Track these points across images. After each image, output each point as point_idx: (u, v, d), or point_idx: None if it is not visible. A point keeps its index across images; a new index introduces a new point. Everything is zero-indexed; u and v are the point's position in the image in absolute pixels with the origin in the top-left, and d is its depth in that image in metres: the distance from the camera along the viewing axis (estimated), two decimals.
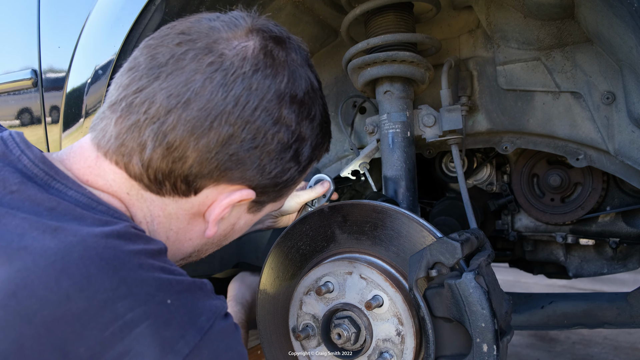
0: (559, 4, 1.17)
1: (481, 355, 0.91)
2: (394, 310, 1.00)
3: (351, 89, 1.64)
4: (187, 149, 0.71)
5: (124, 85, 0.73)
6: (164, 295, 0.65)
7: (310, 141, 0.82)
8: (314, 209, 1.19)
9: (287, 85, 0.76)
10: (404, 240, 1.05)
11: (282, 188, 0.84)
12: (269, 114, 0.74)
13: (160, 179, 0.74)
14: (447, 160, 1.80)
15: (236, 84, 0.71)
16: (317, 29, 1.52)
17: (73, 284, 0.59)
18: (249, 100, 0.72)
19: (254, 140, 0.74)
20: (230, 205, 0.79)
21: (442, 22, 1.47)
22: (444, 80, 1.34)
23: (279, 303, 1.19)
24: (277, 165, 0.79)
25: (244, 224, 0.90)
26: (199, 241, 0.86)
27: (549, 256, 1.79)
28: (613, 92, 1.23)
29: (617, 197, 1.63)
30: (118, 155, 0.74)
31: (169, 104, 0.70)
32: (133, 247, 0.67)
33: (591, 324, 1.57)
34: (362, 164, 1.49)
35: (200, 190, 0.77)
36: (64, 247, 0.61)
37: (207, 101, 0.70)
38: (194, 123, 0.70)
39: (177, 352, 0.63)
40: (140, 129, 0.71)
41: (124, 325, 0.60)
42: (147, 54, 0.74)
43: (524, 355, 3.09)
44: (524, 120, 1.37)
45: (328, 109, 0.89)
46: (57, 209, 0.67)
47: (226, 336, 0.71)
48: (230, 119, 0.71)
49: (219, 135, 0.71)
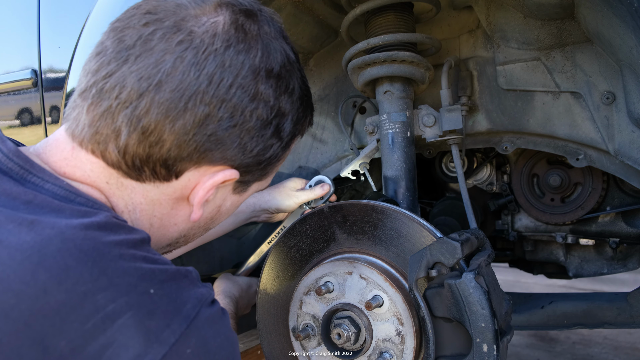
0: (559, 4, 1.17)
1: (481, 355, 0.91)
2: (394, 310, 1.00)
3: (351, 89, 1.64)
4: (163, 133, 0.70)
5: (93, 71, 0.70)
6: (147, 285, 0.64)
7: (291, 116, 0.80)
8: (311, 210, 1.19)
9: (262, 59, 0.73)
10: (404, 240, 1.05)
11: (266, 166, 0.82)
12: (245, 90, 0.72)
13: (138, 164, 0.72)
14: (447, 160, 1.80)
15: (208, 62, 0.69)
16: (317, 29, 1.52)
17: (50, 277, 0.57)
18: (223, 78, 0.70)
19: (231, 118, 0.72)
20: (213, 187, 0.77)
21: (442, 22, 1.47)
22: (444, 80, 1.34)
23: (279, 303, 1.19)
24: (259, 142, 0.77)
25: (231, 205, 0.88)
26: (185, 225, 0.84)
27: (549, 256, 1.79)
28: (613, 92, 1.23)
29: (617, 197, 1.63)
30: (93, 143, 0.71)
31: (140, 87, 0.68)
32: (114, 237, 0.65)
33: (591, 324, 1.57)
34: (362, 164, 1.49)
35: (181, 173, 0.75)
36: (40, 240, 0.60)
37: (179, 82, 0.68)
38: (168, 105, 0.68)
39: (162, 342, 0.61)
40: (113, 115, 0.69)
41: (106, 317, 0.59)
42: (113, 37, 0.71)
43: (524, 355, 3.09)
44: (524, 120, 1.37)
45: (307, 80, 0.86)
46: (33, 202, 0.65)
47: (214, 323, 0.69)
48: (205, 98, 0.69)
49: (195, 116, 0.70)
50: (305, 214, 1.21)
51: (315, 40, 1.57)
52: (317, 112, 1.69)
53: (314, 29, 1.52)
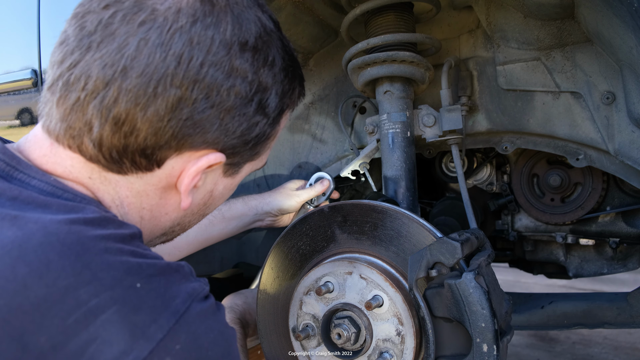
0: (559, 4, 1.17)
1: (481, 355, 0.91)
2: (394, 310, 1.00)
3: (351, 89, 1.64)
4: (136, 121, 0.66)
5: (58, 62, 0.67)
6: (133, 279, 0.61)
7: (275, 89, 0.75)
8: (313, 210, 1.19)
9: (234, 32, 0.68)
10: (404, 240, 1.05)
11: (255, 145, 0.79)
12: (219, 67, 0.67)
13: (116, 157, 0.69)
14: (447, 160, 1.80)
15: (174, 41, 0.65)
16: (317, 29, 1.52)
17: (30, 272, 0.55)
18: (192, 57, 0.65)
19: (207, 99, 0.68)
20: (198, 173, 0.73)
21: (442, 22, 1.47)
22: (444, 80, 1.34)
23: (279, 303, 1.19)
24: (241, 122, 0.73)
25: (224, 189, 0.84)
26: (177, 214, 0.81)
27: (549, 256, 1.79)
28: (613, 92, 1.23)
29: (617, 197, 1.63)
30: (68, 138, 0.68)
31: (105, 75, 0.64)
32: (100, 232, 0.63)
33: (591, 324, 1.57)
34: (362, 164, 1.49)
35: (162, 162, 0.71)
36: (22, 234, 0.58)
37: (145, 66, 0.64)
38: (136, 92, 0.64)
39: (149, 338, 0.59)
40: (83, 107, 0.66)
41: (88, 312, 0.56)
42: (75, 25, 0.67)
43: (524, 355, 3.09)
44: (524, 120, 1.37)
45: (292, 49, 0.81)
46: (19, 198, 0.64)
47: (206, 318, 0.66)
48: (175, 80, 0.65)
49: (167, 101, 0.65)
50: (305, 214, 1.21)
51: (315, 40, 1.57)
52: (317, 112, 1.69)
53: (314, 29, 1.52)
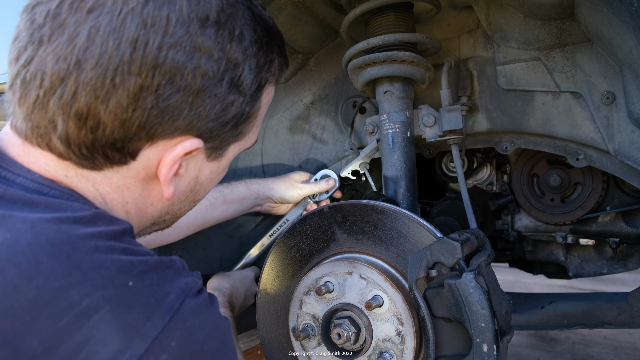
0: (559, 4, 1.17)
1: (481, 355, 0.91)
2: (394, 310, 1.00)
3: (351, 89, 1.64)
4: (99, 115, 0.63)
5: (14, 60, 0.64)
6: (125, 278, 0.60)
7: (248, 64, 0.70)
8: (313, 210, 1.19)
9: (191, 8, 0.64)
10: (404, 240, 1.05)
11: (236, 125, 0.74)
12: (179, 49, 0.63)
13: (86, 153, 0.66)
14: (447, 160, 1.80)
15: (127, 26, 0.61)
16: (317, 29, 1.52)
17: (20, 274, 0.54)
18: (148, 40, 0.61)
19: (171, 84, 0.63)
20: (176, 162, 0.70)
21: (442, 22, 1.47)
22: (444, 80, 1.34)
23: (279, 303, 1.19)
24: (214, 103, 0.69)
25: (211, 174, 0.81)
26: (163, 204, 0.78)
27: (549, 256, 1.79)
28: (613, 92, 1.23)
29: (617, 197, 1.63)
30: (36, 137, 0.66)
31: (59, 70, 0.61)
32: (90, 229, 0.62)
33: (591, 324, 1.57)
34: (362, 164, 1.49)
35: (136, 154, 0.68)
36: (10, 235, 0.57)
37: (99, 56, 0.60)
38: (94, 85, 0.61)
39: (144, 336, 0.58)
40: (44, 105, 0.63)
41: (81, 313, 0.55)
42: (25, 19, 0.64)
43: (524, 355, 3.09)
44: (524, 120, 1.37)
45: (267, 18, 0.76)
46: (4, 197, 0.62)
47: (200, 312, 0.65)
48: (133, 68, 0.61)
49: (128, 91, 0.62)
50: (306, 213, 1.21)
51: (315, 40, 1.57)
52: (317, 112, 1.69)
53: (314, 29, 1.52)
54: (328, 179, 1.44)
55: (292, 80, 1.69)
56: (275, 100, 1.71)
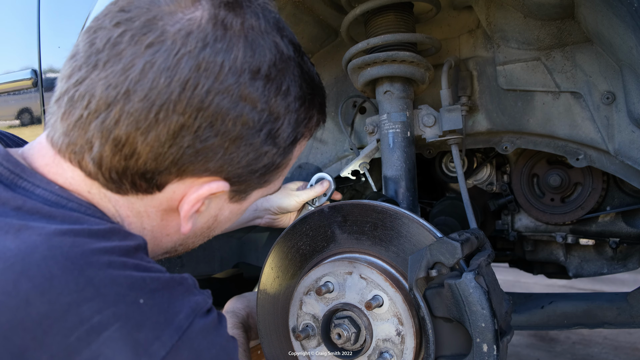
0: (559, 4, 1.17)
1: (481, 355, 0.91)
2: (394, 310, 1.00)
3: (351, 89, 1.64)
4: (136, 145, 0.64)
5: (66, 77, 0.66)
6: (136, 295, 0.60)
7: (288, 119, 0.72)
8: (314, 209, 1.19)
9: (245, 59, 0.65)
10: (404, 240, 1.05)
11: (264, 174, 0.76)
12: (225, 96, 0.64)
13: (115, 177, 0.67)
14: (447, 160, 1.80)
15: (181, 66, 0.62)
16: (317, 29, 1.52)
17: (33, 287, 0.54)
18: (198, 84, 0.63)
19: (211, 128, 0.65)
20: (199, 200, 0.71)
21: (442, 22, 1.47)
22: (444, 80, 1.34)
23: (279, 303, 1.19)
24: (248, 151, 0.70)
25: (230, 214, 0.82)
26: (179, 236, 0.79)
27: (549, 256, 1.79)
28: (613, 92, 1.23)
29: (617, 197, 1.63)
30: (70, 153, 0.67)
31: (108, 96, 0.62)
32: (105, 244, 0.62)
33: (591, 324, 1.57)
34: (362, 164, 1.49)
35: (163, 186, 0.70)
36: (25, 247, 0.57)
37: (149, 90, 0.62)
38: (138, 116, 0.62)
39: (152, 355, 0.58)
40: (85, 126, 0.64)
41: (91, 329, 0.56)
42: (86, 40, 0.65)
43: (524, 355, 3.09)
44: (524, 120, 1.37)
45: (314, 75, 0.77)
46: (23, 208, 0.63)
47: (208, 333, 0.66)
48: (178, 107, 0.63)
49: (169, 127, 0.63)
50: (305, 213, 1.21)
51: (315, 40, 1.57)
52: None
53: (314, 29, 1.52)
54: (322, 182, 1.43)
55: None
56: None
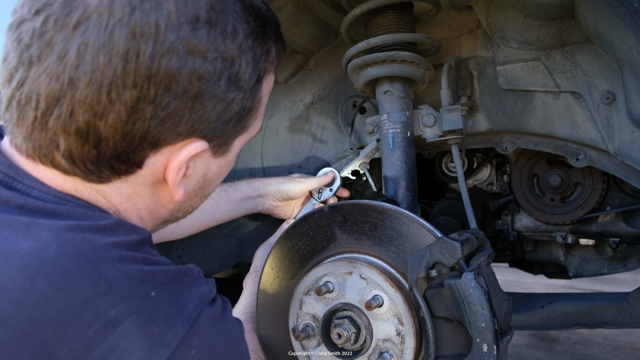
0: (559, 4, 1.17)
1: (481, 355, 0.91)
2: (394, 310, 1.00)
3: (351, 89, 1.64)
4: (99, 130, 0.62)
5: (7, 82, 0.63)
6: (148, 288, 0.62)
7: (245, 59, 0.68)
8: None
9: (179, 11, 0.61)
10: (404, 240, 1.05)
11: (239, 121, 0.73)
12: (171, 56, 0.61)
13: (92, 167, 0.66)
14: (447, 160, 1.80)
15: (115, 38, 0.58)
16: (317, 29, 1.52)
17: (50, 285, 0.56)
18: (139, 51, 0.59)
19: (168, 92, 0.62)
20: (182, 166, 0.70)
21: (442, 22, 1.47)
22: (444, 80, 1.34)
23: (279, 303, 1.19)
24: (215, 104, 0.67)
25: (219, 169, 0.80)
26: (174, 204, 0.79)
27: (549, 256, 1.79)
28: (613, 92, 1.23)
29: (617, 197, 1.63)
30: (39, 156, 0.66)
31: (53, 90, 0.60)
32: (113, 239, 0.63)
33: (591, 324, 1.57)
34: (362, 164, 1.49)
35: (142, 162, 0.68)
36: (38, 245, 0.58)
37: (91, 72, 0.59)
38: (90, 102, 0.60)
39: (166, 345, 0.60)
40: (43, 126, 0.62)
41: (108, 323, 0.57)
42: (12, 38, 0.62)
43: (524, 355, 3.09)
44: (524, 120, 1.37)
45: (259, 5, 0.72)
46: (26, 207, 0.63)
47: (216, 321, 0.68)
48: (128, 81, 0.60)
49: (126, 104, 0.61)
50: (306, 213, 1.21)
51: (315, 40, 1.57)
52: (317, 112, 1.69)
53: (314, 29, 1.52)
54: (327, 173, 1.45)
55: (292, 80, 1.69)
56: (275, 100, 1.71)
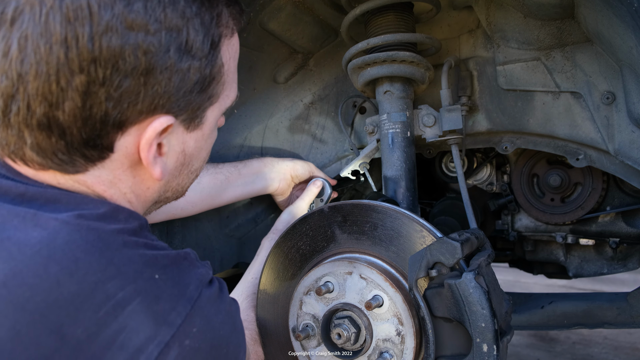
0: (559, 4, 1.17)
1: (481, 355, 0.91)
2: (394, 310, 1.00)
3: (351, 89, 1.64)
4: (60, 120, 0.63)
5: None
6: (152, 271, 0.66)
7: (191, 26, 0.67)
8: (314, 210, 1.19)
9: None
10: (404, 240, 1.05)
11: (203, 90, 0.72)
12: (111, 34, 0.60)
13: (64, 157, 0.67)
14: (447, 160, 1.80)
15: (51, 27, 0.59)
16: (317, 29, 1.52)
17: (61, 269, 0.60)
18: (77, 35, 0.59)
19: (117, 71, 0.61)
20: (151, 144, 0.70)
21: (442, 22, 1.47)
22: (444, 80, 1.34)
23: (279, 303, 1.19)
24: (169, 76, 0.66)
25: (197, 143, 0.79)
26: (158, 185, 0.79)
27: (549, 256, 1.79)
28: (613, 92, 1.23)
29: (617, 197, 1.63)
30: (10, 154, 0.67)
31: (6, 87, 0.61)
32: (115, 226, 0.67)
33: (591, 324, 1.57)
34: (362, 164, 1.49)
35: (112, 146, 0.68)
36: (47, 234, 0.61)
37: (36, 64, 0.59)
38: (43, 93, 0.61)
39: (170, 324, 0.65)
40: (6, 124, 0.64)
41: (117, 304, 0.61)
42: None
43: (524, 355, 3.09)
44: (524, 120, 1.37)
45: None
46: (26, 195, 0.66)
47: (214, 301, 0.73)
48: (74, 67, 0.60)
49: (78, 90, 0.61)
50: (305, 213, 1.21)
51: (315, 40, 1.57)
52: (317, 112, 1.69)
53: (314, 29, 1.51)
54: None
55: (292, 80, 1.69)
56: (275, 100, 1.71)
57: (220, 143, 1.66)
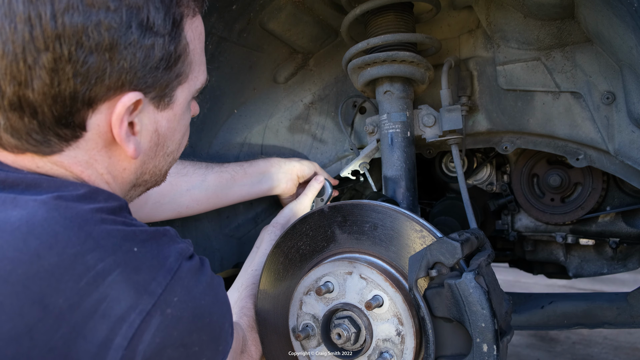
0: (559, 4, 1.17)
1: (481, 355, 0.91)
2: (394, 310, 1.00)
3: (351, 89, 1.64)
4: (30, 99, 0.65)
5: None
6: (130, 245, 0.67)
7: (152, 4, 0.69)
8: (314, 210, 1.19)
9: None
10: (404, 240, 1.05)
11: (169, 68, 0.74)
12: (73, 12, 0.63)
13: (39, 137, 0.68)
14: (447, 160, 1.80)
15: (14, 6, 0.61)
16: (317, 29, 1.52)
17: (41, 243, 0.61)
18: (40, 14, 0.62)
19: (81, 47, 0.63)
20: (122, 120, 0.71)
21: (442, 22, 1.47)
22: (444, 80, 1.34)
23: (279, 303, 1.19)
24: (134, 52, 0.68)
25: (170, 123, 0.80)
26: (134, 165, 0.80)
27: (549, 256, 1.79)
28: (613, 92, 1.23)
29: (617, 197, 1.63)
30: None
31: None
32: (93, 205, 0.68)
33: (591, 324, 1.57)
34: (362, 164, 1.49)
35: (84, 124, 0.70)
36: (26, 213, 0.63)
37: (2, 44, 0.62)
38: (11, 73, 0.63)
39: (151, 293, 0.66)
40: None
41: (97, 275, 0.63)
42: None
43: (524, 355, 3.09)
44: (524, 120, 1.37)
45: None
46: (7, 181, 0.68)
47: (195, 273, 0.74)
48: (39, 45, 0.62)
49: (45, 67, 0.63)
50: (305, 213, 1.21)
51: (315, 40, 1.57)
52: (317, 112, 1.69)
53: (314, 29, 1.51)
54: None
55: (292, 80, 1.69)
56: (275, 100, 1.71)
57: (221, 143, 1.66)
